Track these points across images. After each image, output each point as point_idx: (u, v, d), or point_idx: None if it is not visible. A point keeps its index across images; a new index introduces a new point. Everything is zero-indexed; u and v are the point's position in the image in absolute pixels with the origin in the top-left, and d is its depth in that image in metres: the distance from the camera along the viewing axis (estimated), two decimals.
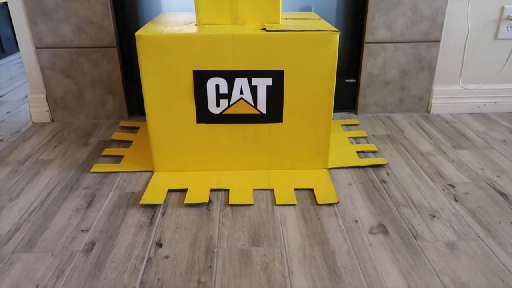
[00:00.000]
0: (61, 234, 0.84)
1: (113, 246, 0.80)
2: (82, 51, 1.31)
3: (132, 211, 0.91)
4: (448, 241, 0.80)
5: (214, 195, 0.97)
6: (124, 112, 1.40)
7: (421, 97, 1.43)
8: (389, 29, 1.33)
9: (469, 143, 1.22)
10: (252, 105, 0.99)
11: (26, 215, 0.90)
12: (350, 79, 1.42)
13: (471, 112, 1.46)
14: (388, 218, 0.88)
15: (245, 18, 1.01)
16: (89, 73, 1.34)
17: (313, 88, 0.98)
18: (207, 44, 0.93)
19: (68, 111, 1.39)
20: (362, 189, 0.99)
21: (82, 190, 0.99)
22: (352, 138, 1.26)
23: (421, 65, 1.38)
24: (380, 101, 1.43)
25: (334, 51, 0.95)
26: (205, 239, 0.82)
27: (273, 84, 0.97)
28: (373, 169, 1.08)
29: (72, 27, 1.28)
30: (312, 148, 1.05)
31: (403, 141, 1.24)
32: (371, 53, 1.36)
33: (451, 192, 0.97)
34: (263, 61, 0.95)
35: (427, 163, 1.11)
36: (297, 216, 0.89)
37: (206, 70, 0.95)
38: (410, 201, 0.94)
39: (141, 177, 1.05)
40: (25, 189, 1.00)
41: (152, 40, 0.93)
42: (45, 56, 1.31)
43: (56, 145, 1.23)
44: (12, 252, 0.79)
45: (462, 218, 0.87)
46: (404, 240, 0.81)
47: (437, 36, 1.35)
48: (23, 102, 1.61)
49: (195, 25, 1.02)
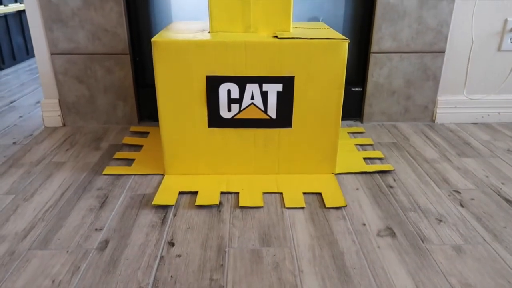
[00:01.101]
0: (76, 232, 0.86)
1: (127, 244, 0.82)
2: (96, 58, 1.35)
3: (144, 212, 0.93)
4: (455, 245, 0.82)
5: (224, 198, 0.99)
6: (135, 117, 1.43)
7: (426, 106, 1.45)
8: (395, 40, 1.36)
9: (474, 152, 1.24)
10: (262, 110, 1.02)
11: (40, 214, 0.92)
12: (356, 88, 1.45)
13: (475, 122, 1.48)
14: (396, 221, 0.89)
15: (257, 26, 1.04)
16: (102, 79, 1.37)
17: (322, 95, 1.01)
18: (220, 50, 0.96)
19: (80, 116, 1.42)
20: (369, 193, 1.01)
21: (95, 191, 1.01)
22: (358, 145, 1.28)
23: (426, 75, 1.41)
24: (385, 109, 1.45)
25: (343, 59, 0.98)
26: (216, 239, 0.83)
27: (283, 90, 1.00)
28: (379, 175, 1.10)
29: (86, 34, 1.32)
30: (320, 154, 1.07)
31: (408, 149, 1.26)
32: (377, 63, 1.39)
33: (456, 198, 0.99)
34: (274, 68, 0.98)
35: (432, 169, 1.13)
36: (306, 218, 0.90)
37: (219, 75, 0.98)
38: (416, 206, 0.95)
39: (152, 179, 1.07)
40: (39, 190, 1.02)
41: (167, 45, 0.96)
42: (59, 61, 1.35)
43: (68, 148, 1.26)
44: (28, 249, 0.81)
45: (468, 223, 0.89)
46: (412, 243, 0.82)
47: (442, 47, 1.38)
48: (35, 107, 1.64)
49: (208, 32, 1.05)
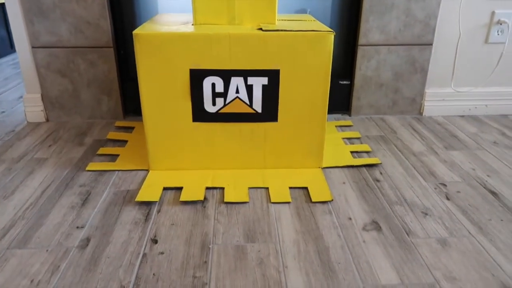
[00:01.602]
0: (56, 230, 0.84)
1: (108, 242, 0.80)
2: (79, 51, 1.32)
3: (127, 208, 0.91)
4: (440, 238, 0.81)
5: (209, 193, 0.97)
6: (119, 112, 1.41)
7: (414, 99, 1.45)
8: (383, 32, 1.35)
9: (461, 144, 1.24)
10: (247, 104, 1.00)
11: (20, 212, 0.90)
12: (344, 81, 1.44)
13: (462, 114, 1.48)
14: (381, 215, 0.89)
15: (241, 18, 1.02)
16: (85, 73, 1.34)
17: (308, 88, 0.99)
18: (204, 43, 0.94)
19: (64, 111, 1.39)
20: (356, 187, 1.00)
21: (77, 188, 0.99)
22: (346, 138, 1.27)
23: (414, 68, 1.41)
24: (373, 103, 1.45)
25: (329, 51, 0.96)
26: (200, 236, 0.82)
27: (268, 84, 0.98)
28: (366, 169, 1.09)
29: (68, 26, 1.29)
30: (306, 148, 1.06)
31: (396, 142, 1.25)
32: (365, 56, 1.38)
33: (443, 190, 0.99)
34: (259, 61, 0.96)
35: (419, 163, 1.12)
36: (292, 213, 0.89)
37: (203, 69, 0.96)
38: (402, 199, 0.95)
39: (137, 175, 1.05)
40: (19, 187, 1.00)
41: (149, 38, 0.94)
42: (41, 55, 1.32)
43: (51, 144, 1.23)
44: (7, 248, 0.79)
45: (454, 216, 0.89)
46: (397, 237, 0.82)
47: (429, 39, 1.37)
48: (17, 102, 1.61)
49: (192, 25, 1.03)
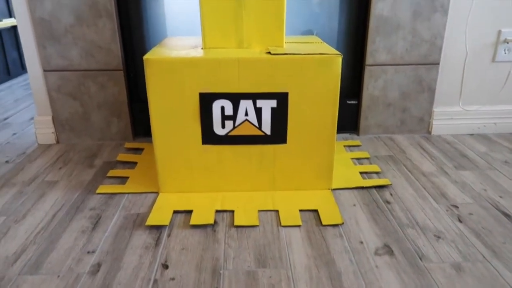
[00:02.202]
0: (67, 255, 0.84)
1: (119, 267, 0.80)
2: (89, 74, 1.34)
3: (137, 233, 0.91)
4: (454, 262, 0.80)
5: (219, 216, 0.97)
6: (129, 133, 1.42)
7: (422, 118, 1.45)
8: (390, 52, 1.36)
9: (471, 164, 1.23)
10: (257, 126, 1.01)
11: (32, 237, 0.90)
12: (351, 101, 1.44)
13: (471, 133, 1.48)
14: (393, 239, 0.88)
15: (250, 41, 1.04)
16: (96, 95, 1.36)
17: (317, 110, 1.00)
18: (213, 67, 0.96)
19: (74, 133, 1.41)
20: (367, 210, 0.99)
21: (88, 211, 1.00)
22: (354, 159, 1.27)
23: (421, 87, 1.41)
24: (381, 122, 1.45)
25: (337, 74, 0.97)
26: (211, 261, 0.82)
27: (277, 106, 0.99)
28: (376, 190, 1.08)
29: (80, 50, 1.31)
30: (316, 169, 1.06)
31: (405, 162, 1.25)
32: (372, 75, 1.39)
33: (455, 212, 0.98)
34: (267, 84, 0.97)
35: (430, 183, 1.12)
36: (303, 237, 0.89)
37: (212, 92, 0.97)
38: (414, 222, 0.94)
39: (147, 198, 1.06)
40: (31, 210, 1.00)
41: (159, 63, 0.95)
42: (52, 78, 1.34)
43: (61, 166, 1.24)
44: (18, 274, 0.79)
45: (467, 239, 0.88)
46: (410, 261, 0.81)
47: (436, 58, 1.38)
48: (28, 124, 1.63)
49: (201, 48, 1.04)
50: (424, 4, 1.31)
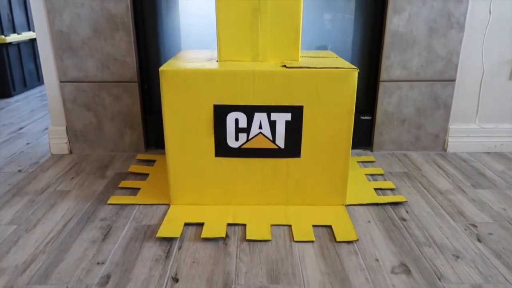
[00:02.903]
0: (77, 266, 0.83)
1: (129, 279, 0.79)
2: (104, 85, 1.35)
3: (148, 244, 0.90)
4: (475, 284, 0.77)
5: (231, 230, 0.95)
6: (141, 145, 1.42)
7: (437, 135, 1.43)
8: (405, 68, 1.35)
9: (489, 183, 1.20)
10: (270, 139, 1.00)
11: (42, 246, 0.89)
12: (365, 116, 1.43)
13: (488, 151, 1.45)
14: (410, 257, 0.85)
15: (265, 55, 1.04)
16: (110, 107, 1.37)
17: (332, 124, 0.99)
18: (228, 79, 0.95)
19: (87, 144, 1.42)
20: (382, 227, 0.97)
21: (99, 222, 0.99)
22: (369, 175, 1.25)
23: (437, 104, 1.39)
24: (396, 138, 1.43)
25: (352, 88, 0.96)
26: (222, 275, 0.80)
27: (292, 120, 0.98)
28: (392, 207, 1.06)
29: (96, 62, 1.33)
30: (330, 184, 1.04)
31: (421, 179, 1.22)
32: (387, 91, 1.38)
33: (473, 232, 0.95)
34: (282, 97, 0.97)
35: (446, 201, 1.09)
36: (316, 253, 0.87)
37: (227, 104, 0.97)
38: (431, 240, 0.91)
39: (158, 210, 1.04)
40: (42, 220, 1.00)
41: (175, 75, 0.95)
42: (68, 89, 1.36)
43: (73, 176, 1.25)
44: (27, 283, 0.78)
45: (487, 259, 0.84)
46: (428, 281, 0.78)
47: (452, 75, 1.36)
48: (42, 134, 1.65)
49: (216, 61, 1.04)
50: (440, 20, 1.30)
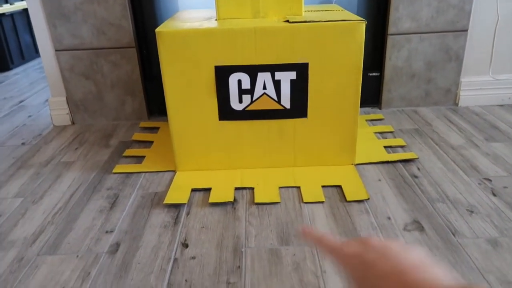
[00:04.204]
0: (86, 235, 0.82)
1: (138, 247, 0.78)
2: (101, 52, 1.31)
3: (156, 211, 0.89)
4: (490, 238, 0.75)
5: (239, 194, 0.94)
6: (144, 112, 1.39)
7: (449, 89, 1.37)
8: (414, 20, 1.28)
9: (503, 136, 1.16)
10: (275, 100, 0.96)
11: (50, 217, 0.89)
12: (373, 73, 1.38)
13: (501, 103, 1.40)
14: (423, 214, 0.83)
15: (266, 11, 0.98)
16: (109, 74, 1.33)
17: (339, 81, 0.94)
18: (228, 38, 0.91)
19: (88, 113, 1.39)
20: (393, 184, 0.95)
21: (105, 191, 0.98)
22: (378, 133, 1.21)
23: (448, 56, 1.33)
24: (405, 94, 1.38)
25: (360, 42, 0.91)
26: (232, 239, 0.79)
27: (297, 78, 0.94)
28: (402, 164, 1.03)
29: (90, 28, 1.28)
30: (338, 144, 1.01)
31: (432, 135, 1.19)
32: (395, 45, 1.32)
33: (488, 186, 0.92)
34: (286, 54, 0.92)
35: (459, 156, 1.06)
36: (326, 213, 0.85)
37: (228, 65, 0.93)
38: (444, 196, 0.89)
39: (164, 177, 1.03)
40: (48, 191, 0.99)
41: (172, 36, 0.91)
42: (64, 58, 1.31)
43: (77, 147, 1.23)
44: (37, 254, 0.78)
45: (503, 213, 0.82)
46: (442, 237, 0.76)
47: (464, 25, 1.29)
48: (43, 106, 1.62)
49: (215, 20, 0.99)
50: None
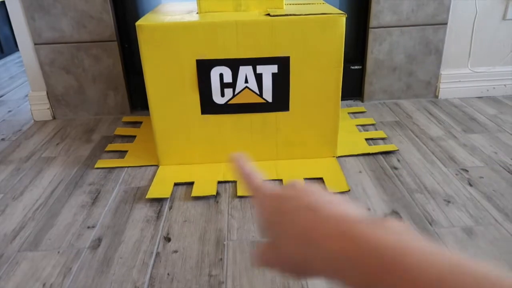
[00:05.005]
0: (67, 231, 0.82)
1: (121, 241, 0.78)
2: (82, 46, 1.29)
3: (138, 206, 0.89)
4: (465, 226, 0.78)
5: (222, 187, 0.94)
6: (126, 107, 1.38)
7: (429, 82, 1.40)
8: (395, 13, 1.30)
9: (480, 127, 1.19)
10: (257, 93, 0.97)
11: (30, 213, 0.88)
12: (355, 66, 1.39)
13: (480, 95, 1.43)
14: (401, 204, 0.85)
15: (248, 4, 0.98)
16: (90, 68, 1.32)
17: (320, 74, 0.95)
18: (210, 31, 0.90)
19: (70, 108, 1.37)
20: (373, 176, 0.96)
21: (87, 187, 0.97)
22: (359, 125, 1.23)
23: (428, 49, 1.35)
24: (387, 87, 1.40)
25: (340, 35, 0.92)
26: (215, 232, 0.80)
27: (278, 72, 0.94)
28: (383, 156, 1.05)
29: (70, 21, 1.25)
30: (320, 136, 1.02)
31: (412, 127, 1.21)
32: (377, 39, 1.33)
33: (464, 176, 0.94)
34: (267, 48, 0.92)
35: (438, 148, 1.08)
36: None
37: (210, 59, 0.93)
38: (423, 187, 0.91)
39: (146, 171, 1.03)
40: (28, 187, 0.98)
41: (153, 29, 0.90)
42: (44, 52, 1.29)
43: (58, 142, 1.21)
44: (18, 251, 0.77)
45: (478, 203, 0.85)
46: (420, 226, 0.78)
47: (444, 18, 1.31)
48: (24, 101, 1.59)
49: (196, 13, 0.99)
50: None
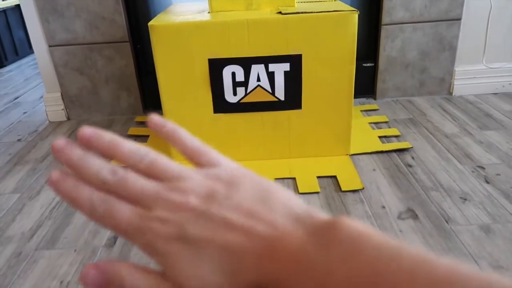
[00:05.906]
0: (83, 229, 0.83)
1: None
2: (95, 47, 1.30)
3: None
4: (483, 224, 0.76)
5: None
6: (139, 107, 1.39)
7: (443, 78, 1.38)
8: (408, 9, 1.28)
9: (496, 124, 1.17)
10: (269, 92, 0.96)
11: (47, 212, 0.89)
12: (367, 63, 1.38)
13: (495, 92, 1.40)
14: (417, 202, 0.84)
15: (259, 3, 0.98)
16: (103, 69, 1.33)
17: (333, 72, 0.95)
18: (221, 31, 0.91)
19: (84, 109, 1.39)
20: (387, 174, 0.95)
21: None
22: (372, 123, 1.22)
23: (442, 45, 1.33)
24: (399, 84, 1.38)
25: (353, 32, 0.91)
26: None
27: (290, 70, 0.94)
28: (397, 154, 1.04)
29: (84, 23, 1.27)
30: (333, 134, 1.02)
31: (426, 124, 1.19)
32: (389, 35, 1.32)
33: (481, 174, 0.93)
34: (279, 46, 0.92)
35: (453, 145, 1.07)
36: (322, 204, 0.86)
37: (222, 58, 0.93)
38: (438, 184, 0.90)
39: None
40: (45, 187, 0.99)
41: (165, 29, 0.91)
42: (58, 54, 1.31)
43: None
44: (35, 249, 0.78)
45: (495, 200, 0.83)
46: (436, 225, 0.77)
47: (458, 14, 1.29)
48: (39, 102, 1.62)
49: (208, 13, 0.99)
50: None
